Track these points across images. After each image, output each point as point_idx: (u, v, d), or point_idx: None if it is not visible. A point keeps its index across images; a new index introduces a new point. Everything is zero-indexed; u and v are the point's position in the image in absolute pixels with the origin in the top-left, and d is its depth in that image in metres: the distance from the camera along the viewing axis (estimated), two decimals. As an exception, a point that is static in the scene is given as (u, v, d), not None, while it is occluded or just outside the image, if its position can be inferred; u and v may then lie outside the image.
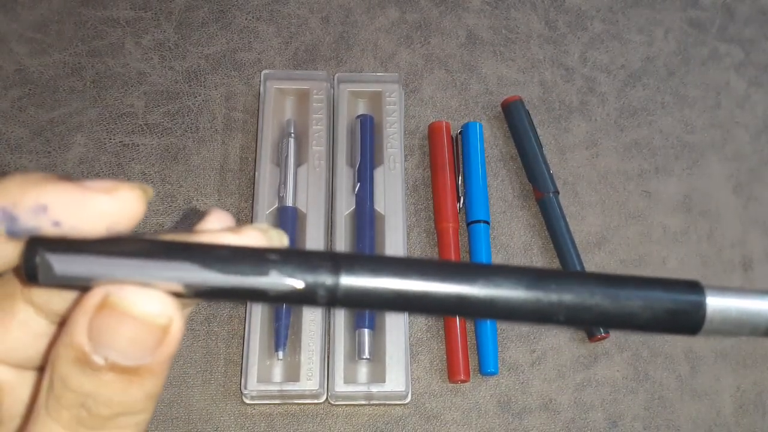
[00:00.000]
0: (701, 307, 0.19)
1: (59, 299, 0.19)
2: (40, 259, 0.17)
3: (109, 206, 0.18)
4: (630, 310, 0.19)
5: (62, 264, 0.17)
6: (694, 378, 0.53)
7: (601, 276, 0.19)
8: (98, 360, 0.17)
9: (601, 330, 0.52)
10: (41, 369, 0.21)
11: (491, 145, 0.59)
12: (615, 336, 0.53)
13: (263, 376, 0.50)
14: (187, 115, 0.59)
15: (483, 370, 0.52)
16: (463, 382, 0.52)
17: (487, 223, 0.56)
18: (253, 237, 0.19)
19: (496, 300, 0.18)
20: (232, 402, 0.50)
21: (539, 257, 0.56)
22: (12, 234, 0.18)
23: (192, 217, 0.56)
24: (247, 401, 0.50)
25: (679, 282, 0.19)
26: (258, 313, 0.51)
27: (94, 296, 0.17)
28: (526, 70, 0.62)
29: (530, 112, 0.59)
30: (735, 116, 0.62)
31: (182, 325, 0.18)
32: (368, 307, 0.19)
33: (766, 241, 0.58)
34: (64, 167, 0.57)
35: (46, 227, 0.17)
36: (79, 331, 0.17)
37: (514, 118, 0.59)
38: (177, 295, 0.18)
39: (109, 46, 0.61)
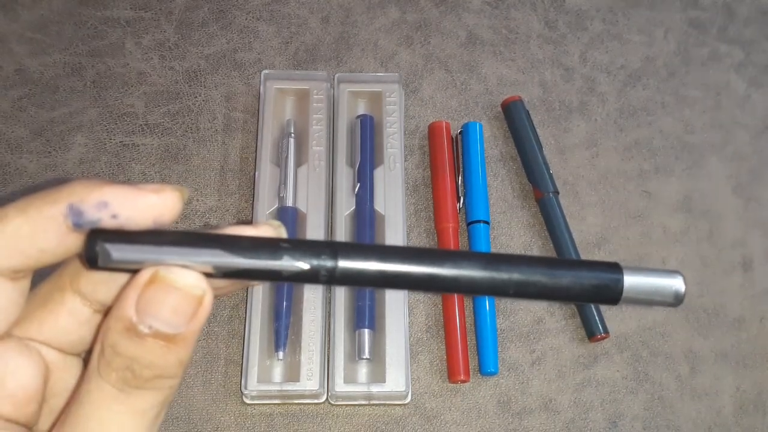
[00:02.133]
0: (620, 282, 0.24)
1: (104, 290, 0.24)
2: (100, 247, 0.21)
3: (156, 202, 0.22)
4: (564, 285, 0.23)
5: (118, 251, 0.21)
6: (694, 378, 0.53)
7: (542, 259, 0.24)
8: (143, 329, 0.21)
9: (600, 329, 0.52)
10: (80, 355, 0.25)
11: (491, 145, 0.59)
12: (615, 336, 0.53)
13: (263, 376, 0.50)
14: (188, 115, 0.59)
15: (483, 370, 0.52)
16: (463, 382, 0.52)
17: (487, 223, 0.56)
18: (268, 230, 0.23)
19: (460, 278, 0.23)
20: (232, 402, 0.50)
21: (539, 257, 0.56)
22: (77, 226, 0.21)
23: (192, 217, 0.56)
24: (247, 401, 0.50)
25: (603, 263, 0.24)
26: (258, 314, 0.51)
27: (144, 274, 0.21)
28: (526, 70, 0.62)
29: (530, 112, 0.59)
30: (735, 117, 0.62)
31: (211, 300, 0.22)
32: (360, 285, 0.23)
33: (766, 242, 0.58)
34: (65, 167, 0.57)
35: (106, 220, 0.21)
36: (129, 304, 0.21)
37: (514, 118, 0.59)
38: (209, 275, 0.22)
39: (109, 46, 0.61)
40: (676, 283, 0.24)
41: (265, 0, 0.64)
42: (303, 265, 0.22)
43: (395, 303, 0.52)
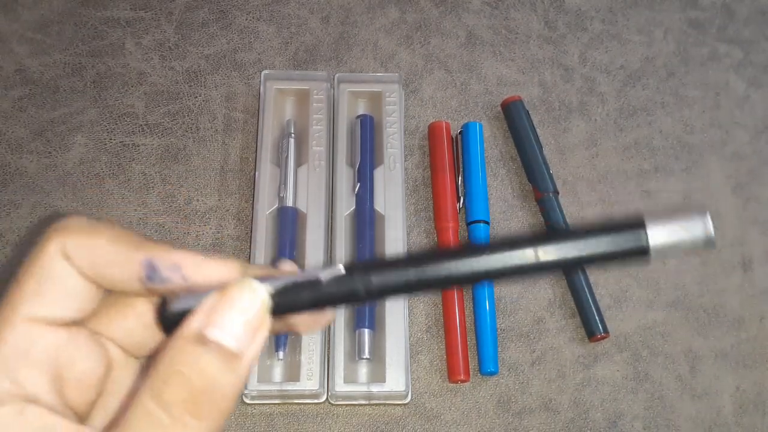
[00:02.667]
0: (645, 243, 0.22)
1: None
2: (168, 314, 0.24)
3: (221, 272, 0.24)
4: (594, 257, 0.22)
5: (180, 304, 0.24)
6: (694, 378, 0.53)
7: (569, 233, 0.23)
8: (209, 338, 0.22)
9: (600, 329, 0.53)
10: (139, 359, 0.27)
11: (491, 145, 0.59)
12: (615, 336, 0.54)
13: (263, 376, 0.50)
14: (188, 116, 0.59)
15: (483, 370, 0.52)
16: (463, 381, 0.52)
17: (487, 223, 0.56)
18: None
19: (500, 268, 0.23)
20: (233, 402, 0.50)
21: (539, 257, 0.56)
22: (149, 280, 0.24)
23: (192, 217, 0.56)
24: (248, 401, 0.50)
25: (625, 224, 0.22)
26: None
27: (213, 293, 0.23)
28: (525, 71, 0.62)
29: (530, 112, 0.59)
30: (734, 116, 0.62)
31: (269, 322, 0.23)
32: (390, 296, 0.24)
33: (766, 241, 0.58)
34: (65, 167, 0.57)
35: (177, 280, 0.24)
36: (195, 319, 0.22)
37: (513, 118, 0.59)
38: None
39: (110, 46, 0.61)
40: (705, 228, 0.22)
41: (266, 0, 0.64)
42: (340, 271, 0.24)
43: (395, 303, 0.52)
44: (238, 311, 0.22)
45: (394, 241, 0.53)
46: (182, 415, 0.21)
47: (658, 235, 0.22)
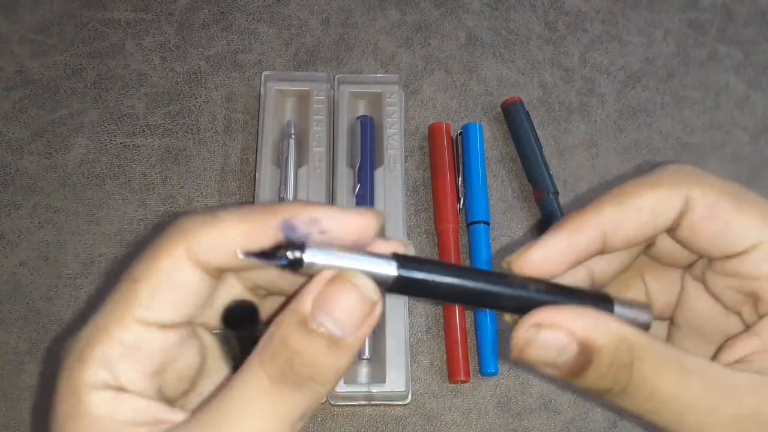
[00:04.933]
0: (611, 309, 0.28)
1: (259, 274, 0.26)
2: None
3: (360, 222, 0.24)
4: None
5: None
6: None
7: (548, 285, 0.27)
8: (315, 325, 0.22)
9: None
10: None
11: (491, 146, 0.59)
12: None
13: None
14: (188, 117, 0.59)
15: (483, 371, 0.52)
16: (463, 382, 0.52)
17: (487, 223, 0.56)
18: (398, 246, 0.26)
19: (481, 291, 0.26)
20: (233, 402, 0.50)
21: (539, 258, 0.56)
22: (288, 240, 0.24)
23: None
24: (248, 401, 0.50)
25: (598, 295, 0.28)
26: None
27: (327, 273, 0.23)
28: (525, 72, 0.62)
29: (530, 113, 0.59)
30: (734, 117, 0.62)
31: (380, 311, 0.24)
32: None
33: (766, 242, 0.58)
34: (65, 168, 0.57)
35: (315, 235, 0.24)
36: (306, 299, 0.23)
37: (514, 119, 0.59)
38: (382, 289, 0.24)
39: (110, 47, 0.61)
40: (648, 317, 0.29)
41: (266, 1, 0.64)
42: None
43: (395, 303, 0.52)
44: (346, 302, 0.23)
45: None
46: (282, 385, 0.23)
47: (619, 310, 0.28)
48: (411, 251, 0.26)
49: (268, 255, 0.23)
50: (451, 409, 0.51)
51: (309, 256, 0.23)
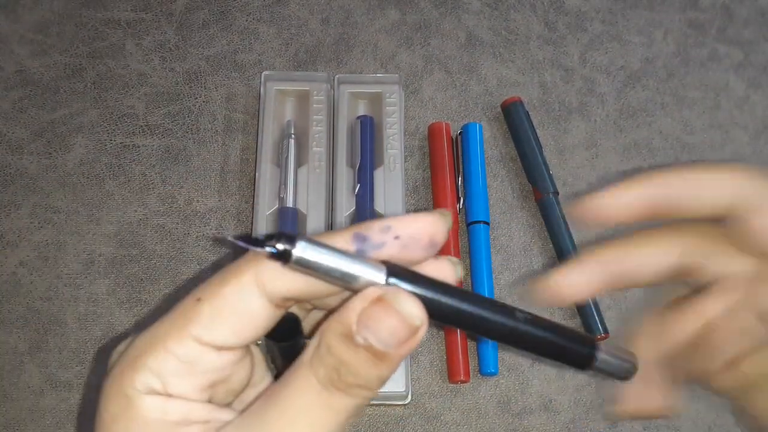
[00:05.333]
0: (594, 356, 0.29)
1: (285, 284, 0.25)
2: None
3: (430, 222, 0.25)
4: (554, 349, 0.28)
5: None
6: (694, 378, 0.53)
7: (538, 320, 0.28)
8: (359, 339, 0.23)
9: (601, 329, 0.53)
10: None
11: (491, 146, 0.59)
12: (615, 336, 0.53)
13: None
14: (188, 117, 0.59)
15: (483, 371, 0.52)
16: (463, 382, 0.52)
17: (487, 224, 0.56)
18: (447, 266, 0.27)
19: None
20: (233, 402, 0.50)
21: (539, 258, 0.56)
22: (361, 252, 0.24)
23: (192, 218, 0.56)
24: (248, 402, 0.50)
25: (585, 338, 0.29)
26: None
27: (374, 292, 0.24)
28: (525, 71, 0.62)
29: (530, 113, 0.59)
30: (734, 117, 0.62)
31: (425, 332, 0.24)
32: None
33: None
34: (65, 168, 0.57)
35: (390, 242, 0.25)
36: (352, 314, 0.23)
37: (513, 119, 0.59)
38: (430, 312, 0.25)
39: (110, 47, 0.61)
40: (632, 368, 0.30)
41: (266, 1, 0.64)
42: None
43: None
44: (389, 324, 0.23)
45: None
46: (330, 387, 0.24)
47: (602, 356, 0.29)
48: (459, 271, 0.27)
49: (259, 244, 0.23)
50: (450, 409, 0.51)
51: (299, 250, 0.23)
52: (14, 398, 0.50)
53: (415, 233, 0.25)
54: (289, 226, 0.54)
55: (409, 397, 0.51)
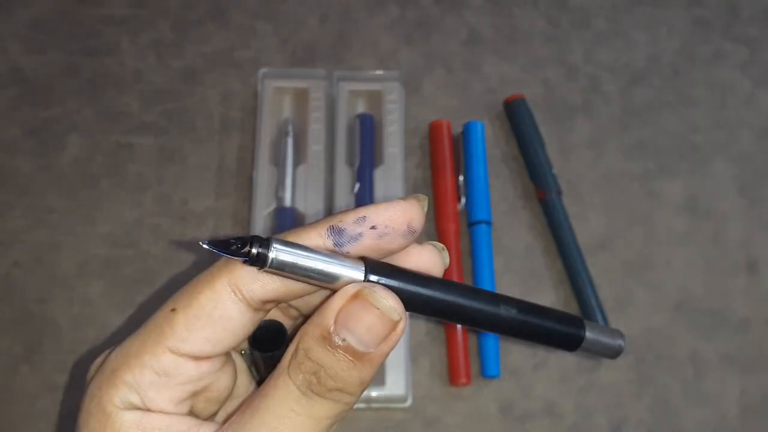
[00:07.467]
0: (582, 336, 0.28)
1: (259, 287, 0.25)
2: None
3: (405, 206, 0.25)
4: (543, 331, 0.28)
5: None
6: (699, 381, 0.52)
7: (525, 304, 0.27)
8: (337, 340, 0.23)
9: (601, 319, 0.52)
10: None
11: (493, 145, 0.59)
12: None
13: (261, 380, 0.49)
14: (184, 115, 0.58)
15: (484, 374, 0.51)
16: (464, 385, 0.51)
17: (489, 223, 0.55)
18: (432, 251, 0.27)
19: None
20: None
21: (542, 258, 0.55)
22: (338, 246, 0.24)
23: (188, 218, 0.55)
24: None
25: (572, 318, 0.28)
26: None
27: (350, 289, 0.23)
28: (528, 69, 0.62)
29: (533, 111, 0.59)
30: (740, 116, 0.61)
31: (405, 327, 0.24)
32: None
33: (772, 243, 0.57)
34: (59, 167, 0.56)
35: (366, 232, 0.24)
36: (330, 314, 0.23)
37: (516, 117, 0.58)
38: (408, 305, 0.24)
39: (105, 44, 0.60)
40: (619, 343, 0.30)
41: (264, -3, 0.63)
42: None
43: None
44: (368, 321, 0.23)
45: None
46: (310, 393, 0.23)
47: (590, 335, 0.29)
48: (446, 257, 0.26)
49: (233, 250, 0.23)
50: (451, 413, 0.51)
51: (274, 253, 0.23)
52: (8, 401, 0.49)
53: (391, 221, 0.24)
54: (288, 226, 0.53)
55: (410, 400, 0.50)
